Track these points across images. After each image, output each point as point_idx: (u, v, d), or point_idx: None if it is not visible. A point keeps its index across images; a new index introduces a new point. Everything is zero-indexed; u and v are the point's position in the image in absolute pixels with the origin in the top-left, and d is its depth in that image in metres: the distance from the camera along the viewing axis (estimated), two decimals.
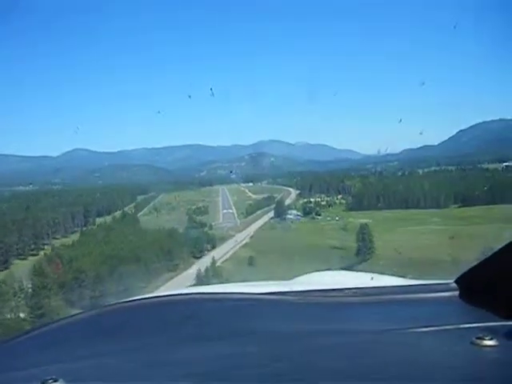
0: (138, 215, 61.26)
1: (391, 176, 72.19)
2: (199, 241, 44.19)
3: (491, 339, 0.75)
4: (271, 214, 61.21)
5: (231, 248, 45.05)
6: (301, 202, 67.98)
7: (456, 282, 1.16)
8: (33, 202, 53.04)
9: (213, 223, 57.03)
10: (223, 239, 48.53)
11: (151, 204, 67.50)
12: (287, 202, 67.46)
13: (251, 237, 49.45)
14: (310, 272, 1.69)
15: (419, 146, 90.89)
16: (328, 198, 69.03)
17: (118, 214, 58.08)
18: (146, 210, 65.08)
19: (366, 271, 1.69)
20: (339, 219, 52.35)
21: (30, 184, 68.63)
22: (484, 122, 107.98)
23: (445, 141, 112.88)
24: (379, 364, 0.73)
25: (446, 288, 1.16)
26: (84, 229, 49.39)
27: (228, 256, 42.16)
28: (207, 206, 70.65)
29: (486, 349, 0.74)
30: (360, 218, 46.61)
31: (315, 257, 29.71)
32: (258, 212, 63.28)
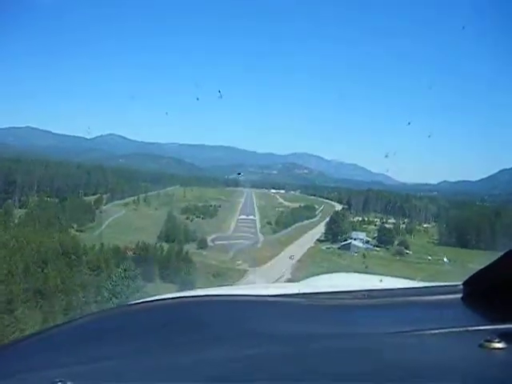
0: (107, 205, 47.83)
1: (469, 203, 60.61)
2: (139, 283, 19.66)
3: (499, 342, 0.75)
4: (317, 231, 42.17)
5: None
6: (354, 220, 52.76)
7: (464, 284, 1.17)
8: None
9: (213, 236, 35.90)
10: (219, 280, 21.60)
11: (146, 194, 56.00)
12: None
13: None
14: None
15: (457, 179, 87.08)
16: (393, 220, 54.64)
17: (77, 197, 45.68)
18: (129, 199, 52.65)
19: None
20: (451, 263, 34.70)
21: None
22: None
23: (485, 178, 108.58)
24: (388, 366, 0.73)
25: (454, 290, 1.17)
26: None
27: None
28: (219, 206, 57.80)
29: (495, 351, 0.75)
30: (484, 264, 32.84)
31: None
32: (295, 226, 45.26)
